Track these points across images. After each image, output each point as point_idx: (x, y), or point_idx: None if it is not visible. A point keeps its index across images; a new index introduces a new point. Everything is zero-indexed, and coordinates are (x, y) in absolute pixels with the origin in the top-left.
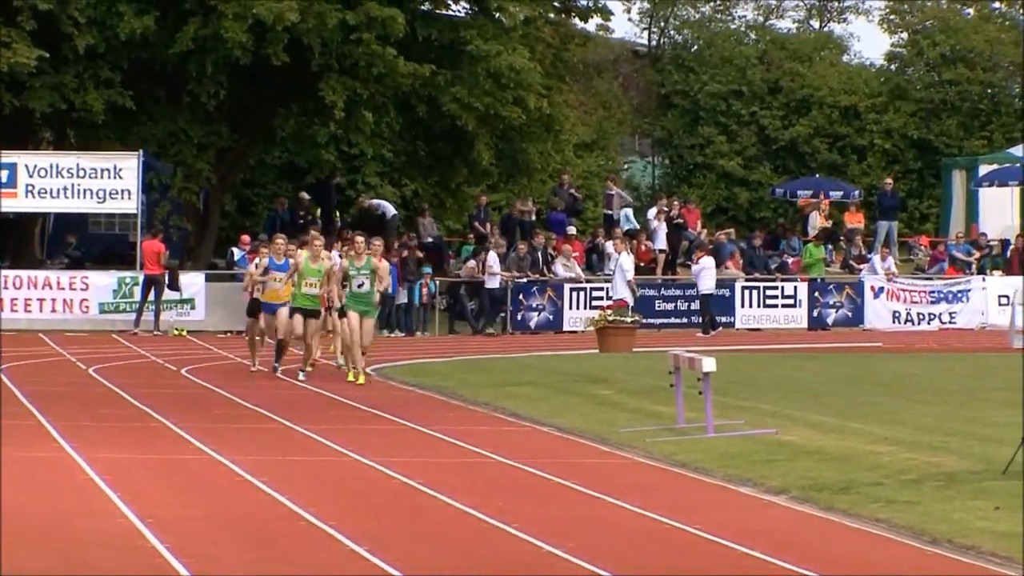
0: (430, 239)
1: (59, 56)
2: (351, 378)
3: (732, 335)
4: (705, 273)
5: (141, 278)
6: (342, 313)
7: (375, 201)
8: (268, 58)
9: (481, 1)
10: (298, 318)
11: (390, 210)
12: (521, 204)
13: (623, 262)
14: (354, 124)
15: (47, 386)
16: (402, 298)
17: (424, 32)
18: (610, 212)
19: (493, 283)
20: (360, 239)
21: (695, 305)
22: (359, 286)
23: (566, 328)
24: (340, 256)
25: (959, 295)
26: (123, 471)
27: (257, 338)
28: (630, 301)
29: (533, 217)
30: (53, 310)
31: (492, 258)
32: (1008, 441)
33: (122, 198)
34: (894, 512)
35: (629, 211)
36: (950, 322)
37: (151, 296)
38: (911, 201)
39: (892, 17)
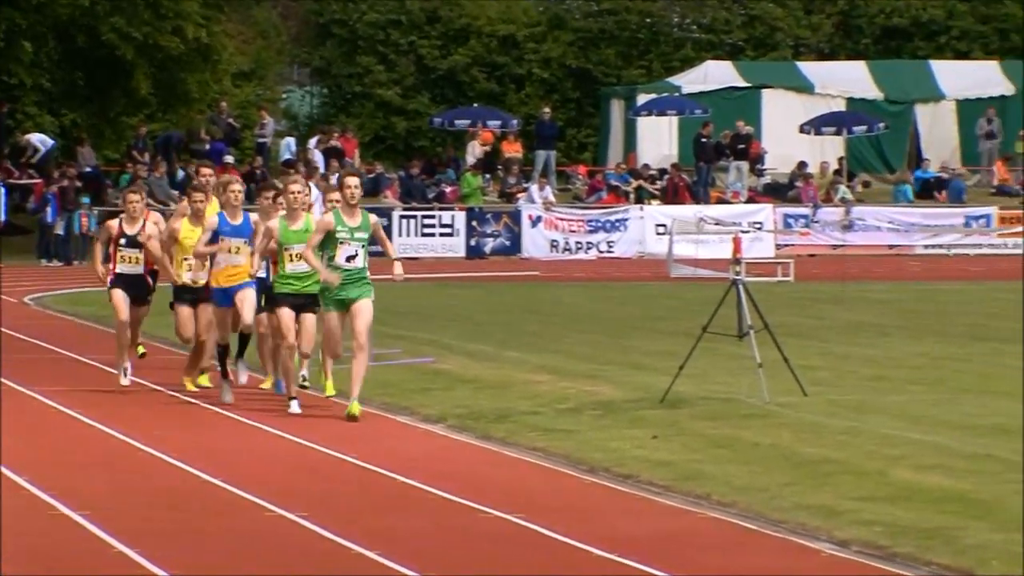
0: (88, 169)
1: None
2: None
3: (389, 264)
4: None
5: None
6: (273, 303)
7: (28, 136)
8: None
9: None
10: (286, 312)
11: (47, 142)
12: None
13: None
14: (13, 54)
15: None
16: (60, 228)
17: None
18: (264, 140)
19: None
20: (354, 181)
21: None
22: (348, 259)
23: None
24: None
25: (617, 224)
26: None
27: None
28: None
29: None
30: None
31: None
32: (664, 370)
33: None
34: (551, 440)
35: (291, 141)
36: (608, 251)
37: None
38: (569, 130)
39: None
